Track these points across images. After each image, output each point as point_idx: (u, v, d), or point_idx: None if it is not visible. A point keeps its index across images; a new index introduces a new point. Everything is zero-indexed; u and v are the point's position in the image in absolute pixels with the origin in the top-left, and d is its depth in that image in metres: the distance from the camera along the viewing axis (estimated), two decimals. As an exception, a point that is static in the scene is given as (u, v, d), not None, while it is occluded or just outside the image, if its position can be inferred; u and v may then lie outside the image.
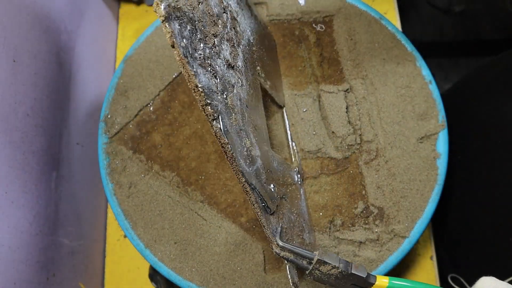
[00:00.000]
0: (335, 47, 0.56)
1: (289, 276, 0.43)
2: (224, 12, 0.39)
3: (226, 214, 0.49)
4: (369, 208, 0.49)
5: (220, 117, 0.32)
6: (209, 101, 0.31)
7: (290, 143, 0.52)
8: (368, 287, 0.37)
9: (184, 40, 0.29)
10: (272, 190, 0.40)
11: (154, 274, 0.57)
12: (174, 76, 0.55)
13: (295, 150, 0.51)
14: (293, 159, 0.51)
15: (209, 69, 0.32)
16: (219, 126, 0.32)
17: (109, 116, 0.54)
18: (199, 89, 0.30)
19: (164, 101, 0.54)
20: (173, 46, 0.28)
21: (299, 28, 0.57)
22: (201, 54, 0.32)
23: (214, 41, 0.35)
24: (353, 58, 0.55)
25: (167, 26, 0.27)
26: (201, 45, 0.32)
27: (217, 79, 0.33)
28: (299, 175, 0.49)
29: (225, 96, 0.34)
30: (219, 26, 0.36)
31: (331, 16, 0.57)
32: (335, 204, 0.49)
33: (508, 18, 1.16)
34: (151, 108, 0.54)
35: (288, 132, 0.52)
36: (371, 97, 0.53)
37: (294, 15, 0.57)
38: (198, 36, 0.32)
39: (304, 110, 0.52)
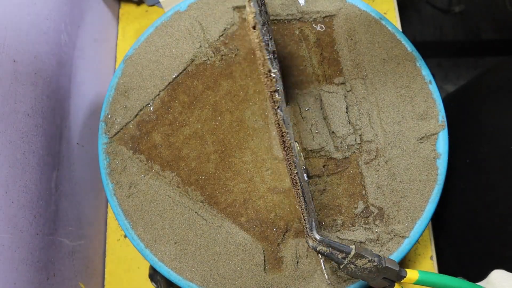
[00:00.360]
0: (335, 47, 0.56)
1: (324, 270, 0.43)
2: (261, 4, 0.39)
3: (226, 214, 0.49)
4: (369, 208, 0.49)
5: (281, 106, 0.33)
6: (278, 88, 0.31)
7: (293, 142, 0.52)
8: (399, 280, 0.37)
9: (260, 24, 0.29)
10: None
11: (154, 274, 0.57)
12: (174, 76, 0.55)
13: (298, 149, 0.51)
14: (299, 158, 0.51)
15: (270, 56, 0.33)
16: (282, 114, 0.32)
17: (109, 116, 0.54)
18: (272, 74, 0.30)
19: (164, 101, 0.54)
20: (254, 28, 0.28)
21: (299, 28, 0.57)
22: (266, 40, 0.32)
23: (266, 30, 0.35)
24: (353, 58, 0.55)
25: (252, 5, 0.27)
26: (263, 30, 0.32)
27: (274, 67, 0.34)
28: (305, 174, 0.49)
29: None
30: (263, 17, 0.37)
31: (331, 16, 0.57)
32: (335, 204, 0.49)
33: (508, 18, 1.16)
34: (151, 108, 0.54)
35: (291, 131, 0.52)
36: (371, 97, 0.53)
37: (294, 15, 0.57)
38: (262, 22, 0.32)
39: (306, 109, 0.52)
